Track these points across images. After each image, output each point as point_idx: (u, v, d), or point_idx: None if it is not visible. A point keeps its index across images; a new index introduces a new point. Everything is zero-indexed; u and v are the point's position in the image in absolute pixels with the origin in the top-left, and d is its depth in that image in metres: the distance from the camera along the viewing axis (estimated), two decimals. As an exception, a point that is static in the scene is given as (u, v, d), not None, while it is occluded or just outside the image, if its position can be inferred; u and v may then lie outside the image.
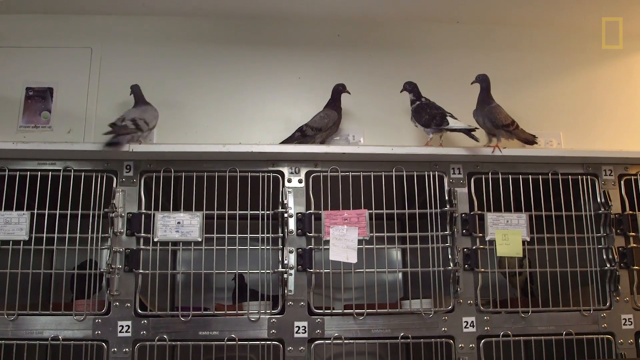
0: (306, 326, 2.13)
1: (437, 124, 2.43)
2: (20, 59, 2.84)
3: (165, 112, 2.77)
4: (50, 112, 2.77)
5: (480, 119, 2.51)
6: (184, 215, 2.18)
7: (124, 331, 2.08)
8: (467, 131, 2.38)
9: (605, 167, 2.36)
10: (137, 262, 2.13)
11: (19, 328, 2.08)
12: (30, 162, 2.22)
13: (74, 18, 2.90)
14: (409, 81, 2.59)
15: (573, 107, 3.01)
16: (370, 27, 3.03)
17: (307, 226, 2.20)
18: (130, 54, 2.89)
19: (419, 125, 2.50)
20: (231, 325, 2.12)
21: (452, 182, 2.30)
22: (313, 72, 2.94)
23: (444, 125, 2.42)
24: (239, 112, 2.85)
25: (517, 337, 2.17)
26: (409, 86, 2.59)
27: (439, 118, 2.43)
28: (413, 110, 2.53)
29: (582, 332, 2.20)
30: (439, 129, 2.45)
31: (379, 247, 2.23)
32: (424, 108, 2.50)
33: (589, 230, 2.29)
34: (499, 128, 2.46)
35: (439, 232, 2.25)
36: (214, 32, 2.97)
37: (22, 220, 2.15)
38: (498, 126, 2.46)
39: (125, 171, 2.22)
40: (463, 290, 2.19)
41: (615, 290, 2.23)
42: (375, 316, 2.16)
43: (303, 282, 2.16)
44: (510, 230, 2.24)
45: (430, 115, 2.46)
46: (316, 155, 2.27)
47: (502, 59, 3.04)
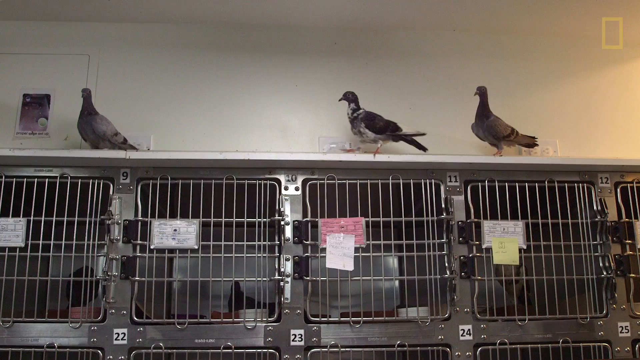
0: (302, 334, 2.12)
1: (392, 130, 2.50)
2: (18, 65, 2.84)
3: (162, 119, 2.78)
4: (47, 119, 2.77)
5: (481, 132, 2.58)
6: (180, 222, 2.17)
7: (120, 339, 2.07)
8: (416, 141, 2.52)
9: (602, 174, 2.37)
10: (134, 269, 2.12)
11: (14, 335, 2.07)
12: (27, 169, 2.22)
13: (71, 25, 2.90)
14: (351, 91, 2.59)
15: (569, 115, 3.02)
16: (367, 35, 3.04)
17: (303, 234, 2.20)
18: (127, 61, 2.89)
19: (368, 132, 2.52)
20: (227, 333, 2.12)
21: (449, 190, 2.30)
22: (310, 80, 2.95)
23: (398, 132, 2.50)
24: (235, 120, 2.85)
25: (513, 345, 2.17)
26: (351, 96, 2.59)
27: (394, 125, 2.51)
28: (361, 119, 2.54)
29: (579, 340, 2.19)
30: (394, 136, 2.51)
31: (375, 254, 2.22)
32: (374, 116, 2.54)
33: (585, 238, 2.30)
34: (501, 140, 2.54)
35: (436, 240, 2.25)
36: (211, 39, 2.97)
37: (19, 227, 2.14)
38: (500, 138, 2.54)
39: (122, 178, 2.22)
40: (460, 298, 2.19)
41: (612, 298, 2.23)
42: (371, 324, 2.16)
43: (299, 290, 2.16)
44: (506, 238, 2.24)
45: (384, 123, 2.51)
46: (313, 163, 2.27)
47: (499, 66, 3.05)
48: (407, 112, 2.93)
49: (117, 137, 2.43)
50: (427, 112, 2.95)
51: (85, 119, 2.41)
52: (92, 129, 2.39)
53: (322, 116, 2.87)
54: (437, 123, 2.92)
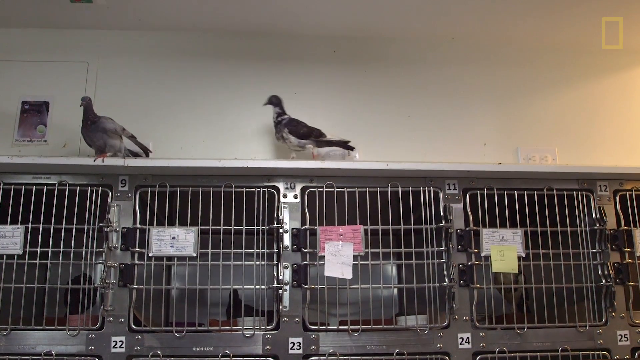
0: (301, 342, 2.12)
1: (317, 136, 2.55)
2: (16, 72, 2.85)
3: (160, 127, 2.78)
4: (46, 126, 2.77)
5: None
6: (178, 230, 2.17)
7: (118, 346, 2.07)
8: (343, 143, 2.56)
9: (600, 182, 2.37)
10: (132, 277, 2.12)
11: (12, 343, 2.06)
12: (26, 176, 2.22)
13: (70, 32, 2.91)
14: (275, 95, 2.60)
15: (568, 123, 3.02)
16: (366, 43, 3.05)
17: (302, 242, 2.19)
18: (126, 69, 2.90)
19: (291, 137, 2.54)
20: (225, 341, 2.11)
21: (448, 198, 2.30)
22: (309, 87, 2.96)
23: (322, 137, 2.54)
24: (234, 127, 2.86)
25: (512, 353, 2.16)
26: (276, 100, 2.60)
27: (317, 131, 2.55)
28: (285, 124, 2.56)
29: (578, 349, 2.19)
30: (317, 142, 2.55)
31: (374, 262, 2.22)
32: (298, 122, 2.57)
33: (584, 246, 2.29)
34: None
35: (435, 248, 2.24)
36: (210, 47, 2.98)
37: (17, 234, 2.14)
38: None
39: (121, 186, 2.22)
40: (458, 306, 2.18)
41: (611, 306, 2.23)
42: (370, 332, 2.15)
43: (298, 298, 2.15)
44: (505, 246, 2.23)
45: (307, 129, 2.55)
46: (312, 171, 2.27)
47: (497, 75, 3.06)
48: (406, 119, 2.94)
49: (125, 132, 2.44)
50: (425, 120, 2.95)
51: (91, 127, 2.40)
52: (103, 129, 2.38)
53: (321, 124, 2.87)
54: (436, 131, 2.93)
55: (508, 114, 2.93)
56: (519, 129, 2.94)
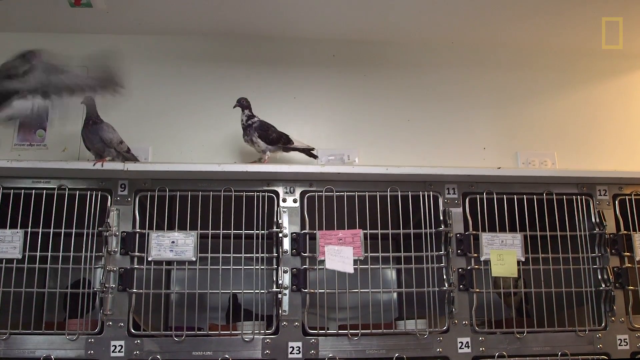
0: (300, 347, 2.12)
1: (285, 142, 2.56)
2: (17, 77, 2.85)
3: (160, 130, 2.78)
4: (46, 131, 2.77)
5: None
6: (178, 234, 2.17)
7: (117, 351, 2.06)
8: (308, 151, 2.62)
9: (600, 187, 2.37)
10: (131, 281, 2.12)
11: (11, 347, 2.06)
12: (25, 180, 2.22)
13: (69, 36, 2.91)
14: (244, 97, 2.60)
15: (567, 127, 3.02)
16: (366, 47, 3.05)
17: (301, 246, 2.19)
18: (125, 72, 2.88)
19: (260, 142, 2.55)
20: (225, 346, 2.11)
21: (447, 202, 2.30)
22: (309, 92, 2.96)
23: (290, 144, 2.56)
24: (234, 131, 2.86)
25: (512, 357, 2.16)
26: (245, 102, 2.60)
27: (286, 138, 2.56)
28: (255, 128, 2.56)
29: (578, 353, 2.19)
30: (284, 147, 2.58)
31: (373, 267, 2.22)
32: (268, 126, 2.57)
33: (583, 250, 2.29)
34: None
35: (434, 252, 2.24)
36: (209, 51, 2.98)
37: (16, 239, 2.14)
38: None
39: (120, 190, 2.22)
40: (458, 310, 2.18)
41: (611, 311, 2.22)
42: (369, 336, 2.15)
43: (297, 302, 2.15)
44: (505, 250, 2.23)
45: (277, 134, 2.56)
46: (311, 175, 2.27)
47: (496, 79, 3.06)
48: (405, 124, 2.94)
49: (122, 145, 2.43)
50: (425, 124, 2.95)
51: (91, 128, 2.40)
52: (99, 137, 2.38)
53: (321, 128, 2.88)
54: (436, 135, 2.93)
55: (507, 118, 2.94)
56: (519, 133, 2.94)
